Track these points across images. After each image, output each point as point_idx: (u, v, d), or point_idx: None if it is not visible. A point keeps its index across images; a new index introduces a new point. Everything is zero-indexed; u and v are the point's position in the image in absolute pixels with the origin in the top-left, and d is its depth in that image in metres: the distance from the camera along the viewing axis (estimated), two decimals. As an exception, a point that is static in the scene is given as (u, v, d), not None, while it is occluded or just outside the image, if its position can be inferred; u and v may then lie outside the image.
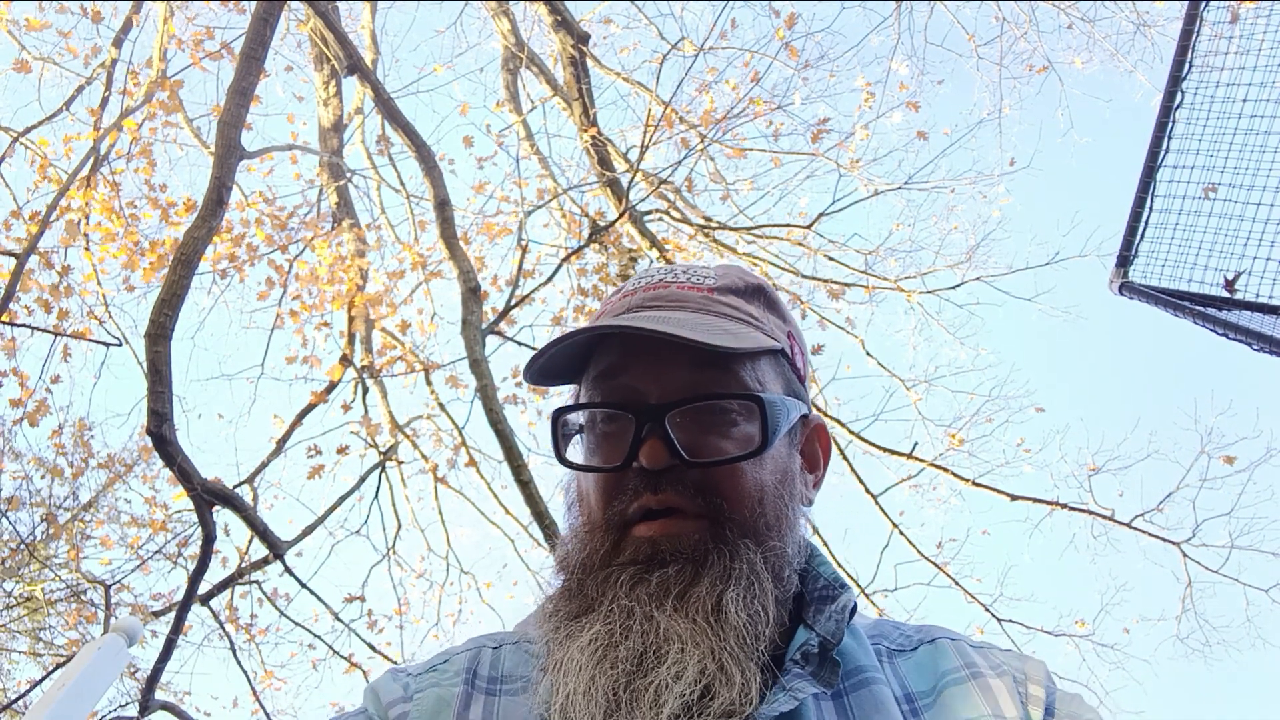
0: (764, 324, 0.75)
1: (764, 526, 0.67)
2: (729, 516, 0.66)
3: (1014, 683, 0.69)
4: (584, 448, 0.72)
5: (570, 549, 0.70)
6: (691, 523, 0.66)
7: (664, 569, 0.64)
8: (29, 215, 5.58)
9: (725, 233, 7.32)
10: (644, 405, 0.67)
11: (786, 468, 0.72)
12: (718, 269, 0.80)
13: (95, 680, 2.17)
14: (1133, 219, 2.86)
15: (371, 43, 6.96)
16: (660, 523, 0.66)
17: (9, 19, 5.76)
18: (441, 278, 6.53)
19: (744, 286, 0.78)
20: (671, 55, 5.97)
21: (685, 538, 0.65)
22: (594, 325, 0.69)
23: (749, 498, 0.67)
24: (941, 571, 6.69)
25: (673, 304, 0.73)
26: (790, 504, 0.71)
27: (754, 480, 0.67)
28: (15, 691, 7.12)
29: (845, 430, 6.92)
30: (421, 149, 5.10)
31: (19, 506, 7.01)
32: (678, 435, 0.66)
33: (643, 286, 0.77)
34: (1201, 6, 2.77)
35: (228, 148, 3.69)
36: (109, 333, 5.65)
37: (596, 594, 0.65)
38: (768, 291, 0.79)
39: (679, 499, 0.66)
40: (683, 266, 0.80)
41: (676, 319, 0.69)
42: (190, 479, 3.74)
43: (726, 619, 0.62)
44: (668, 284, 0.76)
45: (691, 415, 0.67)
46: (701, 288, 0.75)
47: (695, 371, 0.68)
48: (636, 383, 0.68)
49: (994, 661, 0.71)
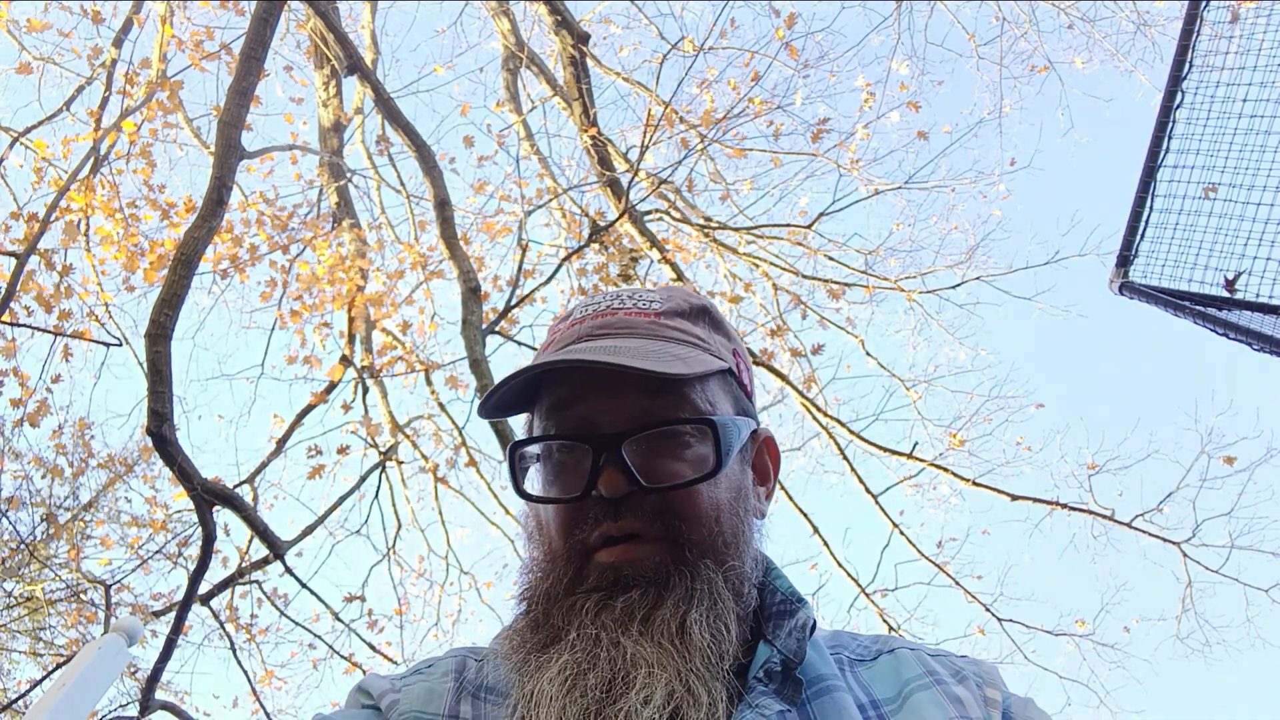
0: (710, 344, 0.76)
1: (722, 545, 0.69)
2: (688, 538, 0.67)
3: (976, 687, 0.71)
4: (541, 479, 0.73)
5: (533, 579, 0.71)
6: (652, 546, 0.67)
7: (627, 593, 0.65)
8: (27, 216, 5.58)
9: (725, 233, 7.33)
10: (600, 435, 0.68)
11: (740, 484, 0.73)
12: (663, 292, 0.81)
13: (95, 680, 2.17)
14: (1133, 219, 2.86)
15: (371, 43, 6.97)
16: (621, 548, 0.67)
17: (9, 19, 5.76)
18: (442, 278, 6.54)
19: (689, 309, 0.79)
20: (671, 55, 5.97)
21: (646, 561, 0.66)
22: (545, 358, 0.70)
23: (706, 518, 0.68)
24: (942, 571, 6.69)
25: (621, 331, 0.74)
26: (745, 519, 0.73)
27: (710, 500, 0.69)
28: (15, 691, 7.12)
29: (845, 430, 6.92)
30: (421, 149, 5.10)
31: (19, 506, 7.01)
32: (634, 462, 0.67)
33: (590, 314, 0.77)
34: (1201, 6, 2.77)
35: (228, 148, 3.69)
36: (109, 333, 5.65)
37: (563, 623, 0.66)
38: (712, 311, 0.81)
39: (638, 524, 0.67)
40: (629, 291, 0.81)
41: (626, 347, 0.70)
42: (190, 479, 3.74)
43: (691, 640, 0.62)
44: (614, 310, 0.77)
45: (646, 442, 0.68)
46: (648, 312, 0.77)
47: (648, 398, 0.69)
48: (591, 413, 0.69)
49: (954, 668, 0.73)
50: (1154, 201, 2.83)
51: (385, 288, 6.57)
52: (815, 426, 7.15)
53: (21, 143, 5.57)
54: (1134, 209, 2.86)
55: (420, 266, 6.63)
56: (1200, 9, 2.77)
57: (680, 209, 7.23)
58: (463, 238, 5.74)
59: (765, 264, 7.39)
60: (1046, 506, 6.58)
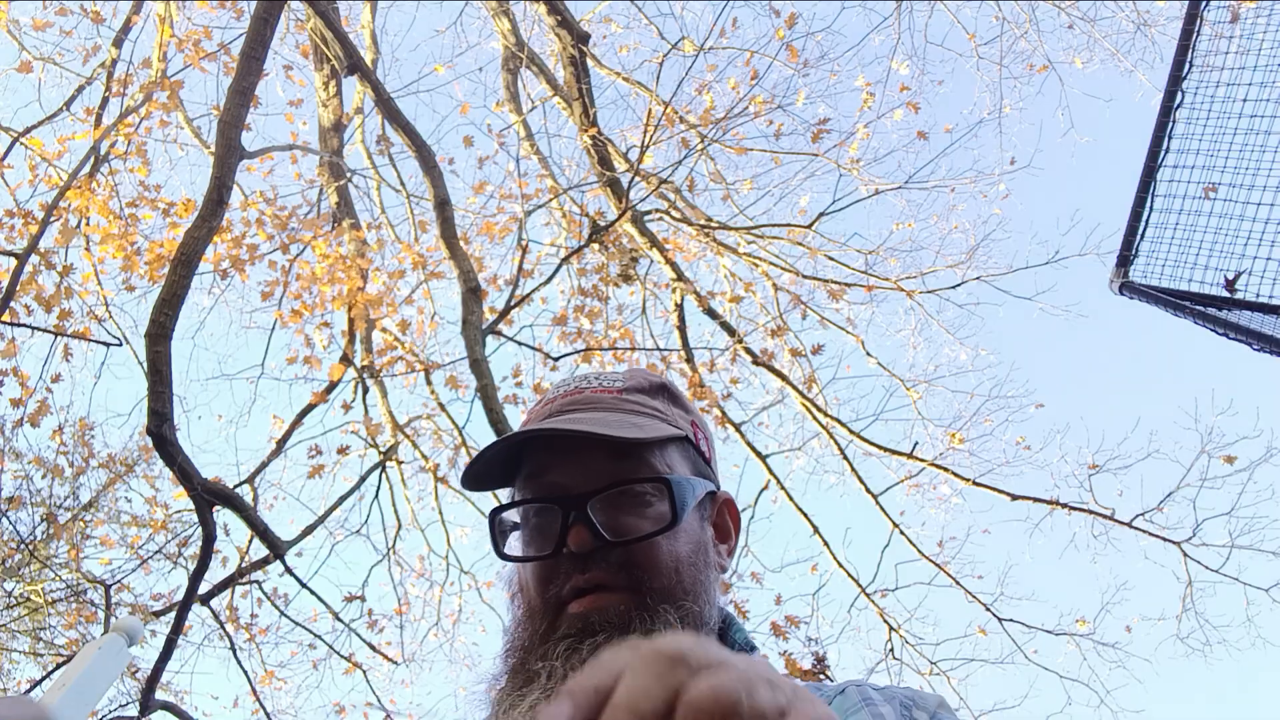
0: (668, 415, 0.85)
1: (681, 592, 0.75)
2: (650, 586, 0.73)
3: (900, 706, 0.76)
4: (520, 542, 0.80)
5: (514, 635, 0.77)
6: (617, 595, 0.73)
7: (594, 638, 0.70)
8: (21, 215, 5.57)
9: (725, 233, 7.33)
10: (567, 496, 0.75)
11: (699, 539, 0.80)
12: (625, 373, 0.89)
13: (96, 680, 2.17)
14: (1133, 218, 2.86)
15: (371, 43, 6.97)
16: (589, 598, 0.72)
17: (10, 19, 5.76)
18: (442, 278, 6.54)
19: (649, 385, 0.88)
20: (671, 55, 5.98)
21: (612, 609, 0.72)
22: (515, 432, 0.78)
23: (666, 568, 0.74)
24: (942, 571, 6.69)
25: (587, 406, 0.83)
26: (705, 571, 0.79)
27: (669, 552, 0.75)
28: (15, 691, 7.11)
29: (845, 430, 6.92)
30: (421, 149, 5.10)
31: (19, 506, 7.01)
32: (599, 519, 0.74)
33: (560, 394, 0.86)
34: (1202, 6, 2.77)
35: (228, 148, 3.69)
36: (109, 333, 5.65)
37: (537, 667, 0.71)
38: (670, 388, 0.90)
39: (604, 576, 0.73)
40: (595, 373, 0.90)
41: (590, 418, 0.78)
42: (190, 479, 3.74)
43: None
44: (582, 390, 0.86)
45: (610, 500, 0.75)
46: (612, 390, 0.85)
47: (611, 462, 0.76)
48: (560, 478, 0.77)
49: (889, 694, 0.77)
50: (1154, 201, 2.83)
51: (385, 288, 6.57)
52: (815, 426, 7.16)
53: (21, 143, 5.57)
54: (1134, 209, 2.86)
55: (420, 266, 6.63)
56: (1200, 9, 2.77)
57: (680, 209, 7.23)
58: (463, 238, 5.74)
59: (765, 264, 7.39)
60: (1047, 506, 6.58)
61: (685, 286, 6.38)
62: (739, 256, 7.30)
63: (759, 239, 7.37)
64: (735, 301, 7.25)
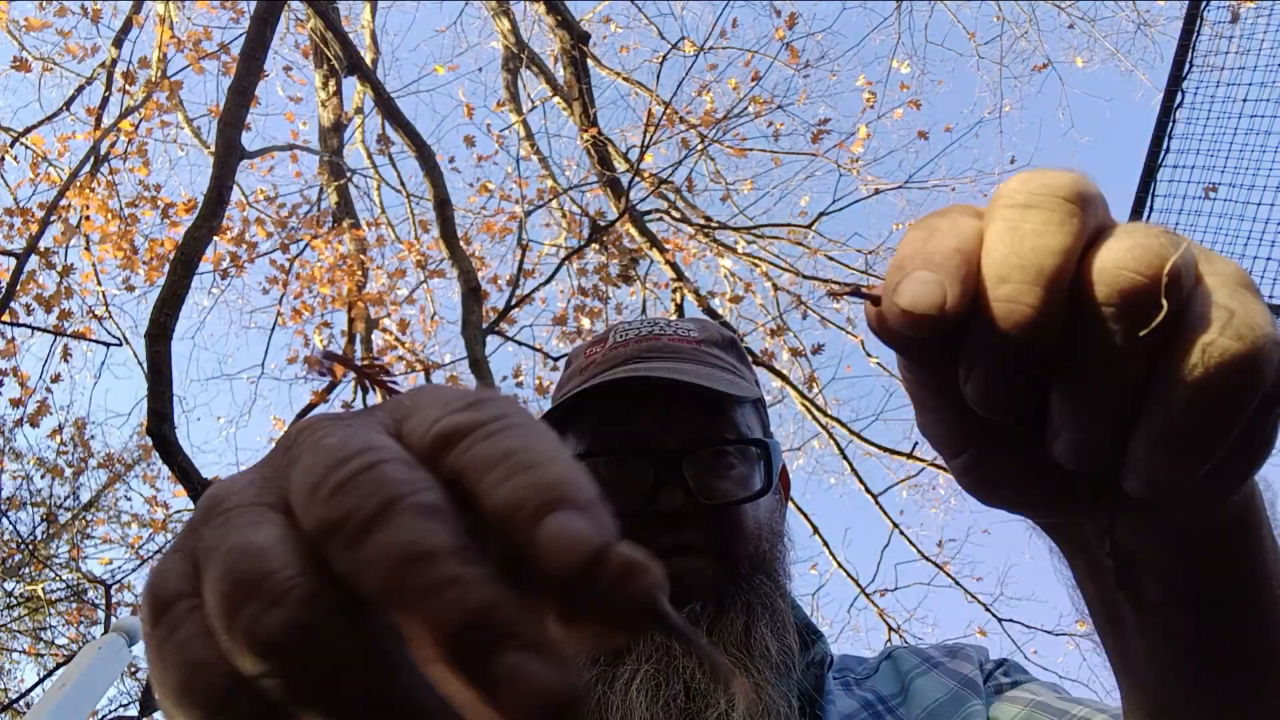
0: (744, 374, 0.80)
1: (764, 560, 0.71)
2: (737, 554, 0.70)
3: (973, 652, 0.76)
4: None
5: None
6: (706, 559, 0.69)
7: (689, 604, 0.66)
8: (21, 214, 5.57)
9: (725, 232, 7.33)
10: (660, 450, 0.69)
11: (774, 507, 0.77)
12: (696, 323, 0.83)
13: (96, 680, 2.17)
14: (1133, 218, 2.86)
15: (371, 43, 6.96)
16: (678, 559, 0.68)
17: (9, 19, 5.76)
18: (442, 277, 6.54)
19: (721, 339, 0.82)
20: (671, 55, 5.97)
21: (702, 572, 0.68)
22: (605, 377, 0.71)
23: (754, 536, 0.71)
24: (942, 571, 6.69)
25: (669, 355, 0.76)
26: (781, 540, 0.76)
27: (754, 520, 0.72)
28: (16, 691, 7.12)
29: (845, 430, 6.92)
30: (422, 149, 5.10)
31: (19, 506, 7.01)
32: (691, 478, 0.69)
33: (632, 338, 0.79)
34: (1202, 6, 2.77)
35: (228, 148, 3.69)
36: (109, 333, 5.65)
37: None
38: (739, 345, 0.85)
39: (695, 537, 0.69)
40: (664, 320, 0.83)
41: (684, 369, 0.72)
42: (190, 479, 3.74)
43: (759, 651, 0.65)
44: (657, 336, 0.79)
45: (701, 459, 0.70)
46: (690, 340, 0.79)
47: (700, 418, 0.71)
48: (644, 430, 0.71)
49: (947, 648, 0.78)
50: (1154, 201, 2.83)
51: (385, 287, 6.57)
52: (815, 426, 7.16)
53: (21, 142, 5.57)
54: (1134, 209, 2.86)
55: (420, 266, 6.63)
56: (1200, 9, 2.77)
57: (680, 209, 7.23)
58: (463, 238, 5.74)
59: (765, 264, 7.39)
60: (1046, 506, 6.56)
61: (685, 286, 6.38)
62: (739, 256, 7.30)
63: (759, 239, 7.37)
64: (735, 301, 7.25)
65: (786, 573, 0.75)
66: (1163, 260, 0.28)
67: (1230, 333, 0.28)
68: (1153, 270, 0.28)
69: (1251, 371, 0.28)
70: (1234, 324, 0.28)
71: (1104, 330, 0.29)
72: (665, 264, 6.47)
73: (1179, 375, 0.28)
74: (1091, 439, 0.31)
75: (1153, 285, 0.28)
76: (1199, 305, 0.29)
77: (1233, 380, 0.28)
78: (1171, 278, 0.28)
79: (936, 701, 0.71)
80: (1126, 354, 0.29)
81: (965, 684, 0.72)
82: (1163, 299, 0.28)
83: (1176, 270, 0.28)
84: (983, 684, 0.72)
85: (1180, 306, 0.28)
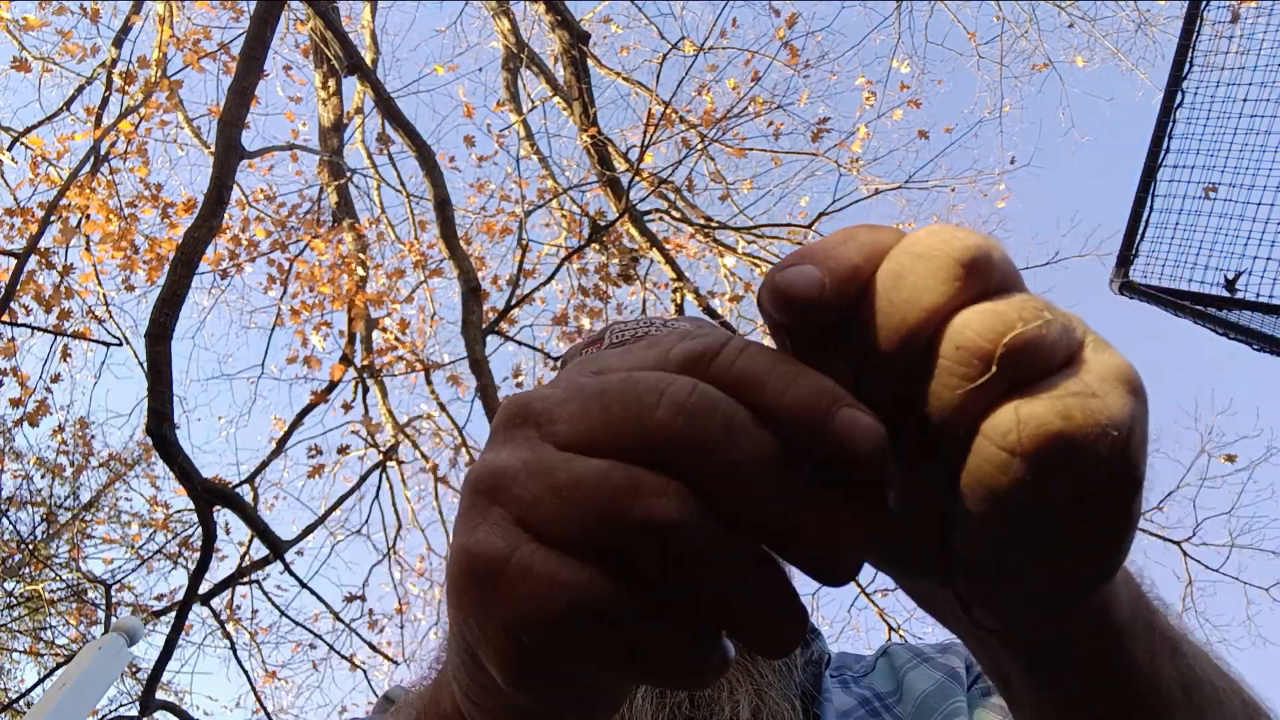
0: None
1: None
2: None
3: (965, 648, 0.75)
4: None
5: None
6: None
7: None
8: (21, 214, 5.57)
9: (725, 232, 7.33)
10: None
11: None
12: (691, 322, 0.83)
13: (96, 680, 2.17)
14: (1133, 219, 2.86)
15: (371, 43, 6.96)
16: None
17: (9, 19, 5.76)
18: (442, 276, 6.54)
19: None
20: (671, 55, 5.97)
21: None
22: None
23: None
24: (942, 571, 6.68)
25: None
26: None
27: None
28: (16, 691, 7.12)
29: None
30: (421, 149, 5.09)
31: (19, 506, 7.01)
32: None
33: (630, 338, 0.78)
34: (1202, 6, 2.77)
35: (228, 147, 3.69)
36: (109, 333, 5.65)
37: None
38: None
39: None
40: (660, 320, 0.82)
41: None
42: (191, 478, 3.74)
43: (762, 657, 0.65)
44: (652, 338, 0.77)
45: None
46: None
47: None
48: None
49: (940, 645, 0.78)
50: (1154, 201, 2.83)
51: (385, 287, 6.57)
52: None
53: (21, 142, 5.57)
54: (1134, 209, 2.86)
55: (420, 266, 6.63)
56: (1200, 9, 2.77)
57: (680, 209, 7.23)
58: (463, 238, 5.74)
59: (765, 264, 7.38)
60: (1046, 506, 6.55)
61: (685, 286, 6.38)
62: (739, 256, 7.29)
63: (759, 239, 7.36)
64: (735, 301, 7.25)
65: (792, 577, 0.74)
66: (1010, 329, 0.28)
67: (1058, 408, 0.27)
68: (994, 335, 0.28)
69: (1065, 452, 0.27)
70: (1068, 402, 0.27)
71: (939, 384, 0.29)
72: (665, 264, 6.47)
73: (990, 435, 0.28)
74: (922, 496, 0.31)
75: (989, 348, 0.28)
76: (1049, 381, 0.28)
77: (1042, 456, 0.27)
78: (1009, 348, 0.27)
79: (924, 693, 0.71)
80: (956, 410, 0.28)
81: (950, 675, 0.72)
82: (994, 364, 0.28)
83: (1019, 342, 0.27)
84: (966, 681, 0.73)
85: (1021, 379, 0.28)
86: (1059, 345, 0.29)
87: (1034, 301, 0.29)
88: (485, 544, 0.28)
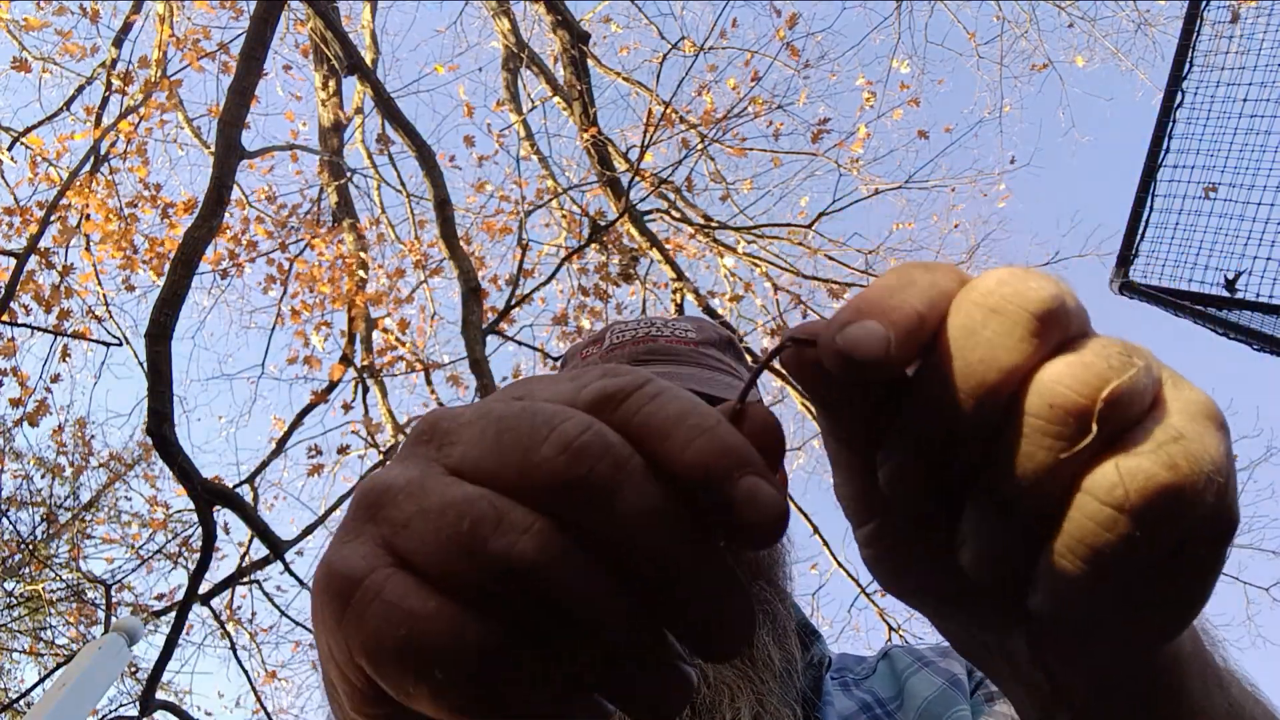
0: (742, 374, 0.78)
1: (768, 567, 0.70)
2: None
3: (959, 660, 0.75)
4: None
5: None
6: None
7: None
8: (21, 214, 5.58)
9: (725, 232, 7.33)
10: None
11: None
12: (694, 323, 0.82)
13: (96, 680, 2.17)
14: (1133, 219, 2.86)
15: (371, 43, 6.96)
16: None
17: (9, 19, 5.76)
18: (442, 276, 6.54)
19: (720, 340, 0.80)
20: (671, 55, 5.97)
21: None
22: None
23: None
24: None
25: (668, 358, 0.75)
26: (780, 545, 0.74)
27: None
28: (16, 691, 7.12)
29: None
30: (421, 149, 5.09)
31: (19, 506, 7.01)
32: None
33: (629, 339, 0.77)
34: (1202, 6, 2.77)
35: (228, 147, 3.68)
36: (109, 333, 5.65)
37: None
38: (736, 345, 0.83)
39: None
40: (661, 319, 0.81)
41: (683, 374, 0.71)
42: (191, 478, 3.74)
43: (761, 660, 0.64)
44: (654, 338, 0.77)
45: None
46: (687, 341, 0.77)
47: None
48: None
49: (941, 649, 0.76)
50: (1154, 201, 2.83)
51: (385, 287, 6.57)
52: (815, 426, 7.15)
53: (21, 142, 5.57)
54: (1134, 209, 2.86)
55: (420, 266, 6.63)
56: (1200, 9, 2.77)
57: (680, 209, 7.23)
58: (463, 238, 5.74)
59: (765, 264, 7.39)
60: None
61: (685, 286, 6.38)
62: (739, 256, 7.30)
63: (759, 239, 7.37)
64: (735, 301, 7.25)
65: (787, 575, 0.73)
66: (1104, 382, 0.26)
67: (1163, 459, 0.26)
68: (1090, 390, 0.26)
69: (1174, 504, 0.26)
70: (1170, 451, 0.26)
71: (1030, 445, 0.27)
72: (665, 264, 6.47)
73: (1094, 493, 0.27)
74: (996, 552, 0.30)
75: (1087, 405, 0.26)
76: (1142, 428, 0.27)
77: (1152, 510, 0.26)
78: (1108, 402, 0.26)
79: (927, 700, 0.71)
80: (1049, 471, 0.27)
81: (952, 683, 0.72)
82: (1094, 423, 0.26)
83: (1116, 394, 0.26)
84: (969, 687, 0.72)
85: (1117, 430, 0.27)
86: (1148, 391, 0.28)
87: (1114, 345, 0.28)
88: (347, 562, 0.27)
